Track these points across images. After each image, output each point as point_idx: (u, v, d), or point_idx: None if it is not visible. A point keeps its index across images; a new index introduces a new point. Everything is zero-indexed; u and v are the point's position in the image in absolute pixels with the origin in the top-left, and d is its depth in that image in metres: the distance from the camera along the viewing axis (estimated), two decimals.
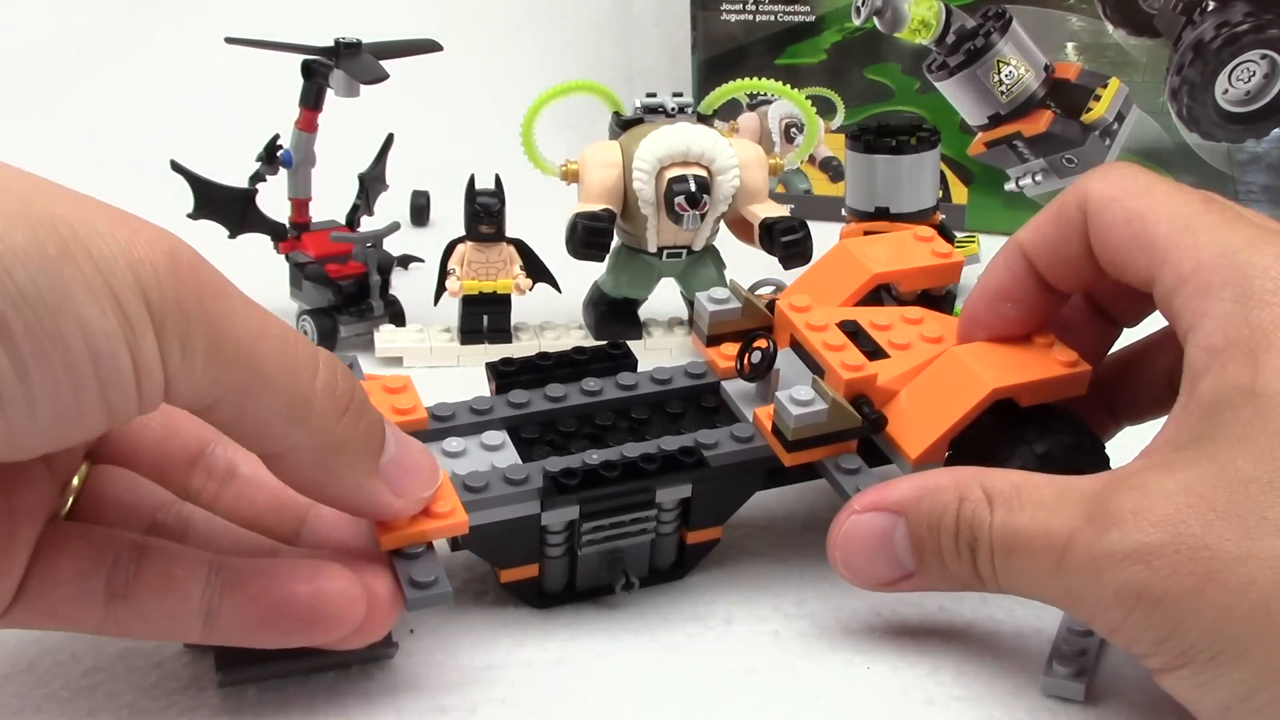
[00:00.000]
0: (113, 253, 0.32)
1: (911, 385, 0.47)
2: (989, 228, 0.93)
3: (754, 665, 0.43)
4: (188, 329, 0.33)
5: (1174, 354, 0.44)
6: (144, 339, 0.32)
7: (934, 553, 0.40)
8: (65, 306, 0.31)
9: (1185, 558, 0.35)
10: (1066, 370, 0.46)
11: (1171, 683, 0.36)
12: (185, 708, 0.40)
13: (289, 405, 0.35)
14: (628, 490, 0.43)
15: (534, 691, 0.41)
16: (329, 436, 0.36)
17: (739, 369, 0.49)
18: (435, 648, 0.43)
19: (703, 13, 0.95)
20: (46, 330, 0.30)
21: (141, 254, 0.32)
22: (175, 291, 0.32)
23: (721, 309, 0.51)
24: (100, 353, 0.31)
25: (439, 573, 0.40)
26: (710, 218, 0.64)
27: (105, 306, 0.31)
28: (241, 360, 0.34)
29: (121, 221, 0.32)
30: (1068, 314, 0.48)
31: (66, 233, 0.31)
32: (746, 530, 0.51)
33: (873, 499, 0.42)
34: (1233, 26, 0.85)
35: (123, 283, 0.31)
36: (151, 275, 0.32)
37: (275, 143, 0.70)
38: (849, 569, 0.43)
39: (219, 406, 0.34)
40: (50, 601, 0.38)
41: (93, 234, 0.31)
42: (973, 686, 0.42)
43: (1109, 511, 0.36)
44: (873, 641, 0.44)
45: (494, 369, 0.49)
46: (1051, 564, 0.37)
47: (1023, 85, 0.90)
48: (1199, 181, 0.89)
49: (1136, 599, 0.35)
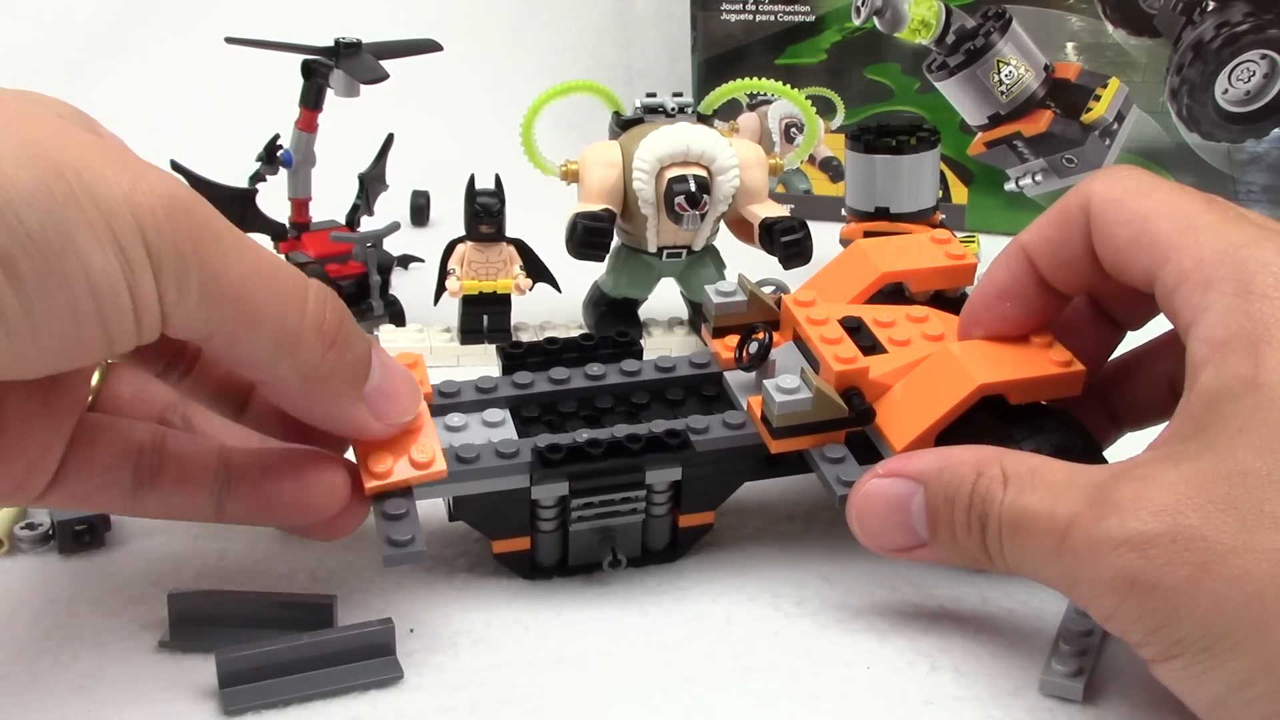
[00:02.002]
0: (115, 197, 0.34)
1: (904, 380, 0.47)
2: (989, 228, 0.93)
3: (754, 665, 0.43)
4: (183, 270, 0.35)
5: (1175, 359, 0.45)
6: (143, 279, 0.34)
7: (947, 524, 0.41)
8: (70, 248, 0.33)
9: (1181, 548, 0.35)
10: (1058, 369, 0.46)
11: (1166, 673, 0.36)
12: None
13: (276, 340, 0.38)
14: (613, 468, 0.45)
15: (535, 691, 0.41)
16: (314, 369, 0.39)
17: (737, 359, 0.50)
18: (436, 648, 0.43)
19: (703, 13, 0.95)
20: (52, 269, 0.33)
21: (142, 198, 0.34)
22: (173, 234, 0.35)
23: (727, 301, 0.52)
24: (101, 290, 0.34)
25: (415, 533, 0.41)
26: (710, 218, 0.64)
27: (107, 249, 0.33)
28: (233, 299, 0.36)
29: (125, 165, 0.35)
30: (1070, 317, 0.48)
31: (73, 177, 0.33)
32: (747, 530, 0.51)
33: (896, 465, 0.43)
34: (1233, 26, 0.85)
35: (124, 226, 0.34)
36: (151, 219, 0.34)
37: (275, 143, 0.70)
38: (864, 531, 0.43)
39: (213, 339, 0.37)
40: (84, 489, 0.42)
41: (97, 178, 0.34)
42: (972, 687, 0.42)
43: (1110, 498, 0.36)
44: (873, 642, 0.44)
45: (502, 350, 0.51)
46: (1053, 546, 0.37)
47: (1023, 85, 0.90)
48: (1199, 181, 0.89)
49: (1130, 586, 0.35)
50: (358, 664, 0.42)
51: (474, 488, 0.44)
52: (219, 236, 0.36)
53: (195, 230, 0.35)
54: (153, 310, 0.35)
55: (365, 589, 0.47)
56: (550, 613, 0.45)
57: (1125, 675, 0.42)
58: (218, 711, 0.40)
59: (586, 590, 0.47)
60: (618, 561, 0.47)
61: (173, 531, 0.51)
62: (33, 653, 0.43)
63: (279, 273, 0.38)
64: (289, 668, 0.41)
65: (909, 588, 0.47)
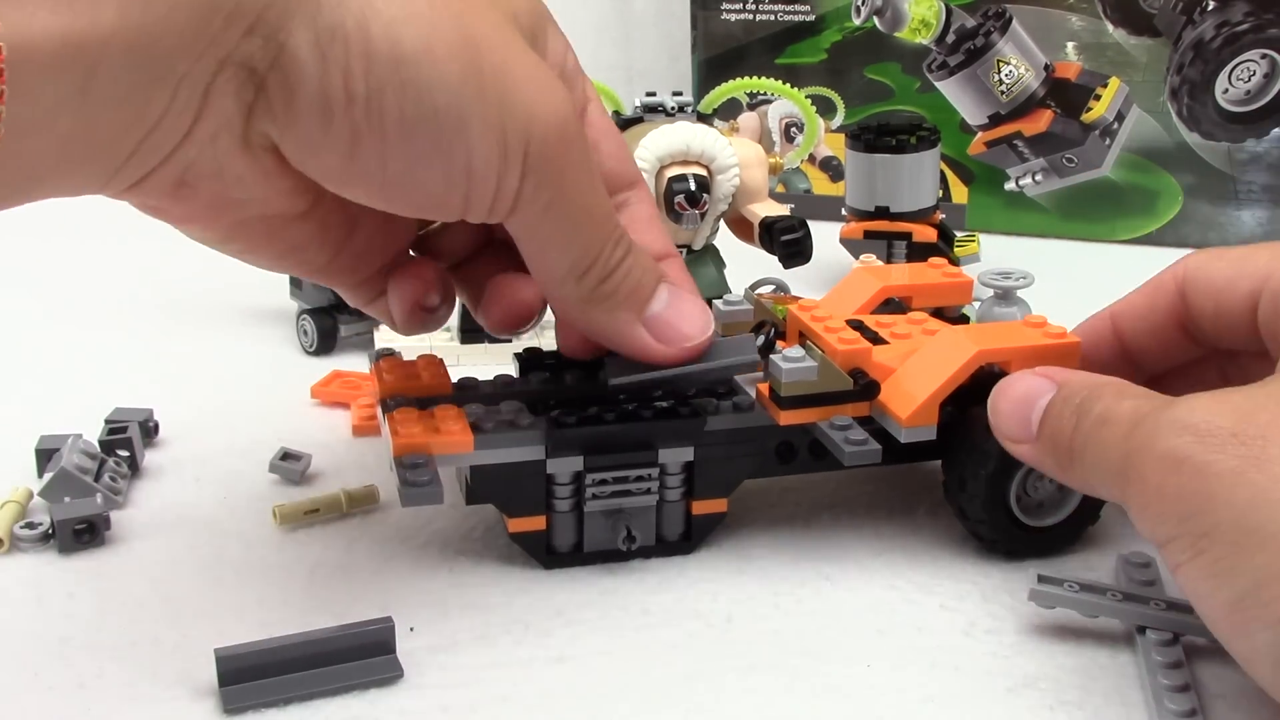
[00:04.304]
0: (518, 105, 0.40)
1: (907, 362, 0.48)
2: (989, 227, 0.93)
3: (754, 663, 0.43)
4: (542, 183, 0.41)
5: (1223, 361, 0.49)
6: (510, 176, 0.40)
7: (1055, 418, 0.42)
8: (463, 134, 0.39)
9: (1239, 441, 0.36)
10: (1055, 340, 0.47)
11: (1189, 574, 0.36)
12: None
13: (571, 265, 0.43)
14: (626, 434, 0.46)
15: (535, 690, 0.41)
16: (591, 296, 0.44)
17: None
18: (437, 646, 0.43)
19: (703, 12, 0.95)
20: (441, 147, 0.39)
21: (540, 113, 0.40)
22: (550, 153, 0.41)
23: (734, 309, 0.55)
24: (475, 173, 0.40)
25: (433, 476, 0.43)
26: (710, 217, 0.64)
27: (493, 144, 0.39)
28: (564, 220, 0.42)
29: (538, 82, 0.41)
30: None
31: (490, 79, 0.39)
32: (748, 529, 0.51)
33: (1050, 370, 0.44)
34: (1233, 26, 0.85)
35: (516, 131, 0.40)
36: (540, 134, 0.40)
37: None
38: (994, 413, 0.44)
39: (529, 243, 0.43)
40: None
41: (511, 86, 0.40)
42: (972, 684, 0.42)
43: (1186, 398, 0.38)
44: (873, 639, 0.44)
45: (518, 356, 0.52)
46: (1124, 433, 0.39)
47: (1023, 85, 0.90)
48: (1199, 181, 0.89)
49: (1179, 464, 0.36)
50: (357, 662, 0.42)
51: (489, 457, 0.45)
52: (580, 169, 0.42)
53: (568, 156, 0.41)
54: (506, 203, 0.41)
55: (365, 587, 0.47)
56: (551, 611, 0.45)
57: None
58: (217, 710, 0.40)
59: (587, 588, 0.47)
60: (632, 540, 0.47)
61: (172, 531, 0.51)
62: (32, 651, 0.43)
63: (606, 220, 0.44)
64: (288, 666, 0.41)
65: (909, 586, 0.47)
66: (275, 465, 0.55)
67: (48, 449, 0.55)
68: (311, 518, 0.51)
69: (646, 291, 0.46)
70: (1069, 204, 0.93)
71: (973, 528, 0.49)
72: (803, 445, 0.49)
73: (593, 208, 0.43)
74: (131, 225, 0.50)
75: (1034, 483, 0.48)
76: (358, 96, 0.37)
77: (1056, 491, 0.48)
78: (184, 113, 0.36)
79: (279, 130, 0.38)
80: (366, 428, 0.60)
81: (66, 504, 0.50)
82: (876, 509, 0.52)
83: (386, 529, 0.51)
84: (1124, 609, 0.43)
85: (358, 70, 0.37)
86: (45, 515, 0.50)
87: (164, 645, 0.43)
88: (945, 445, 0.48)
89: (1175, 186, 0.90)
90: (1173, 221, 0.91)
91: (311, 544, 0.50)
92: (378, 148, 0.38)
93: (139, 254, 0.85)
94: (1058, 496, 0.48)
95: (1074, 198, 0.92)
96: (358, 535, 0.51)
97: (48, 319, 0.77)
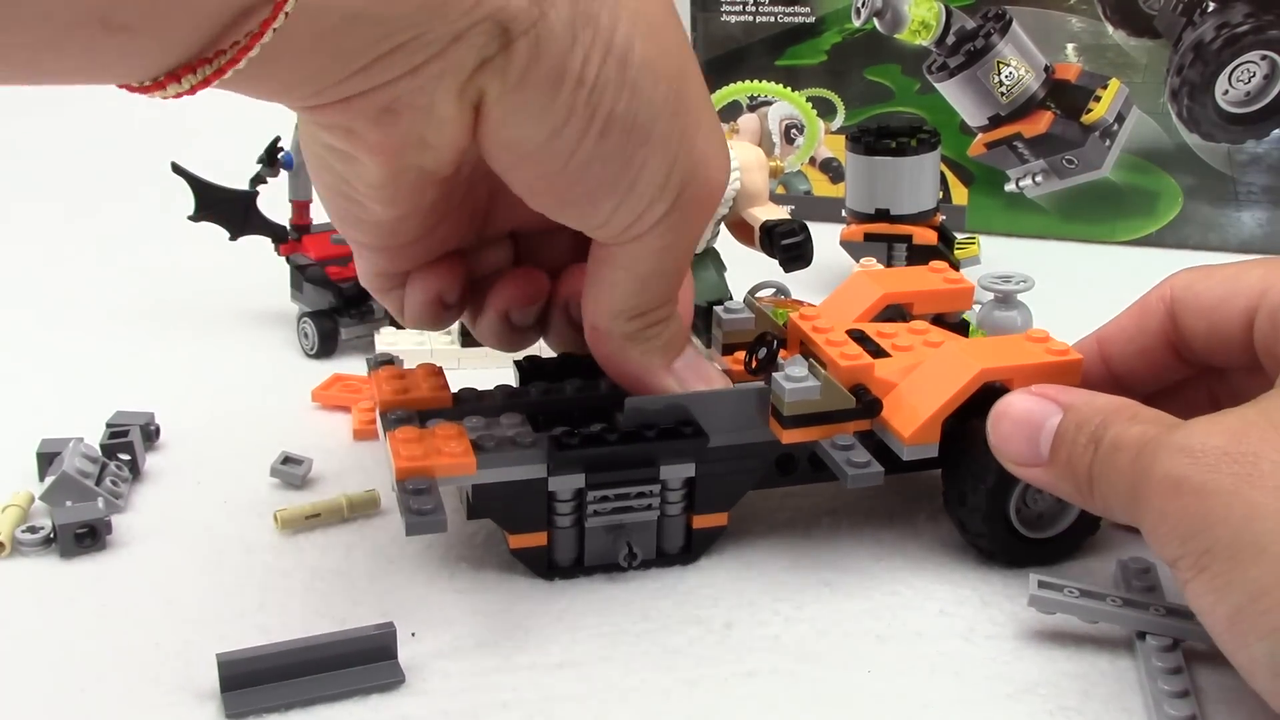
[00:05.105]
0: (696, 147, 0.42)
1: (909, 377, 0.48)
2: (989, 229, 0.93)
3: (754, 669, 0.43)
4: (675, 226, 0.43)
5: (1214, 380, 0.49)
6: (660, 204, 0.42)
7: (1069, 446, 0.42)
8: (647, 147, 0.41)
9: (1232, 459, 0.37)
10: (1057, 358, 0.47)
11: (1195, 591, 0.37)
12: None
13: (634, 306, 0.46)
14: (628, 454, 0.46)
15: (536, 695, 0.41)
16: (635, 335, 0.46)
17: (746, 365, 0.50)
18: (438, 652, 0.43)
19: (703, 13, 0.95)
20: (627, 150, 0.41)
21: (707, 164, 0.43)
22: (697, 202, 0.43)
23: (735, 318, 0.54)
24: (637, 187, 0.42)
25: (437, 503, 0.42)
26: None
27: (663, 168, 0.42)
28: (662, 266, 0.45)
29: (715, 136, 0.44)
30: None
31: (685, 113, 0.42)
32: (748, 535, 0.51)
33: (1049, 389, 0.44)
34: (1233, 27, 0.85)
35: (683, 168, 0.42)
36: (700, 180, 0.43)
37: (276, 145, 0.70)
38: (997, 435, 0.44)
39: (622, 269, 0.45)
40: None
41: (696, 127, 0.42)
42: (972, 690, 0.42)
43: (1187, 422, 0.39)
44: (872, 645, 0.44)
45: (519, 364, 0.52)
46: (1131, 459, 0.39)
47: (1023, 86, 0.90)
48: (1199, 182, 0.89)
49: (1177, 487, 0.37)
50: (359, 668, 0.42)
51: (491, 476, 0.45)
52: (698, 230, 0.45)
53: (702, 214, 0.44)
54: (644, 225, 0.43)
55: (366, 592, 0.47)
56: (551, 617, 0.46)
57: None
58: (219, 715, 0.40)
59: (588, 595, 0.47)
60: (634, 556, 0.47)
61: (173, 535, 0.51)
62: (33, 656, 0.43)
63: (680, 280, 0.46)
64: (290, 671, 0.41)
65: (909, 591, 0.47)
66: (276, 469, 0.55)
67: (49, 453, 0.55)
68: (313, 522, 0.51)
69: (679, 346, 0.48)
70: (1069, 205, 0.93)
71: (973, 540, 0.49)
72: (803, 457, 0.49)
73: (684, 267, 0.46)
74: (133, 230, 0.50)
75: (1033, 495, 0.48)
76: (587, 81, 0.39)
77: (1056, 503, 0.48)
78: (429, 47, 0.37)
79: (503, 90, 0.39)
80: (367, 432, 0.60)
81: (68, 508, 0.50)
82: (876, 515, 0.53)
83: (388, 534, 0.51)
84: (1124, 614, 0.43)
85: (596, 59, 0.39)
86: (47, 519, 0.50)
87: (165, 650, 0.43)
88: (945, 456, 0.48)
89: (1175, 188, 0.90)
90: (1173, 223, 0.91)
91: (312, 549, 0.50)
92: (579, 134, 0.40)
93: (140, 258, 0.85)
94: (1057, 508, 0.48)
95: (1074, 199, 0.92)
96: (359, 540, 0.51)
97: (49, 323, 0.77)
